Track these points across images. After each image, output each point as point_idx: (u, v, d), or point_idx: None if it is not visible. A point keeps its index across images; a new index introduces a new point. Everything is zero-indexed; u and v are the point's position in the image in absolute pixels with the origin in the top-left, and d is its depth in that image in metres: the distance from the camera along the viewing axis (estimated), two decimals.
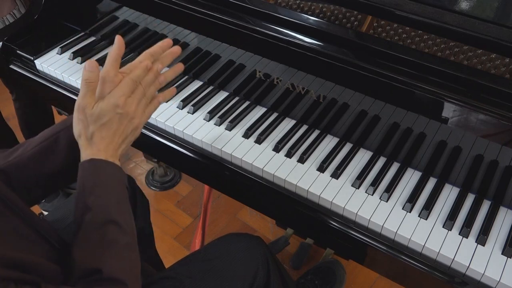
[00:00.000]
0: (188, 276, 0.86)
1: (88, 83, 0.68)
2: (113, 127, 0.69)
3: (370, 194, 0.85)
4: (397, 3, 0.84)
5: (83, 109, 0.68)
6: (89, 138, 0.68)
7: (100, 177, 0.67)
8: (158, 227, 1.69)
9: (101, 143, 0.68)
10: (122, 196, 0.69)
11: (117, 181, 0.69)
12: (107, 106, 0.68)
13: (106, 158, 0.68)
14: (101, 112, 0.68)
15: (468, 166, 0.84)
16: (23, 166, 0.73)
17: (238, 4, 0.93)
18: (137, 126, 0.72)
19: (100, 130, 0.68)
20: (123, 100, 0.69)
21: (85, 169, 0.68)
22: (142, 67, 0.72)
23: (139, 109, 0.72)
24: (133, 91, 0.71)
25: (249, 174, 0.91)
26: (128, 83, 0.70)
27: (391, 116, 0.86)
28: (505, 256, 0.76)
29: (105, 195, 0.66)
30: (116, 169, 0.69)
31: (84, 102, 0.68)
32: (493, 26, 0.77)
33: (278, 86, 0.97)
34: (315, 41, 0.86)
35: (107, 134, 0.69)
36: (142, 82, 0.72)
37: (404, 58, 0.80)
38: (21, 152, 0.74)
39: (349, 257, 1.25)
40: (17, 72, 1.20)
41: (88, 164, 0.68)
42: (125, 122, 0.70)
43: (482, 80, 0.76)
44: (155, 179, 1.87)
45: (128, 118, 0.70)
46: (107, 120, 0.68)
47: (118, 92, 0.69)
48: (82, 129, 0.68)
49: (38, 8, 1.23)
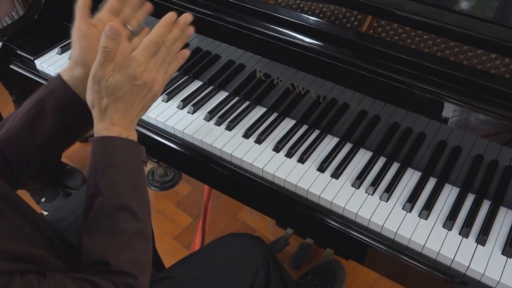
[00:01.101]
0: (188, 276, 0.86)
1: (106, 52, 0.61)
2: (130, 99, 0.64)
3: (370, 194, 0.85)
4: (397, 3, 0.84)
5: (98, 80, 0.63)
6: (102, 110, 0.64)
7: (112, 157, 0.63)
8: (158, 227, 1.69)
9: (116, 116, 0.64)
10: (137, 176, 0.65)
11: (132, 159, 0.65)
12: (123, 78, 0.63)
13: (120, 132, 0.64)
14: (117, 85, 0.63)
15: (468, 166, 0.84)
16: (15, 139, 0.70)
17: (238, 4, 0.93)
18: (157, 92, 0.68)
19: (115, 102, 0.63)
20: (141, 70, 0.63)
21: (97, 147, 0.64)
22: (164, 23, 0.65)
23: (160, 74, 0.66)
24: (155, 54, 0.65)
25: (249, 174, 0.91)
26: (148, 47, 0.64)
27: (391, 116, 0.86)
28: (505, 256, 0.76)
29: (118, 177, 0.63)
30: (131, 146, 0.65)
31: (100, 72, 0.62)
32: (493, 26, 0.77)
33: (278, 86, 0.97)
34: (315, 41, 0.86)
35: (123, 107, 0.64)
36: (166, 40, 0.66)
37: (404, 58, 0.80)
38: (10, 125, 0.70)
39: (349, 257, 1.25)
40: (17, 72, 1.20)
41: (100, 141, 0.64)
42: (144, 92, 0.65)
43: (482, 80, 0.76)
44: (155, 179, 1.87)
45: (147, 87, 0.65)
46: (124, 93, 0.63)
47: (136, 60, 0.63)
48: (95, 99, 0.64)
49: (38, 8, 1.23)
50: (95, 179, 0.63)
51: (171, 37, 0.67)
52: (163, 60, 0.67)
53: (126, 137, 0.65)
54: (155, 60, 0.65)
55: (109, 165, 0.63)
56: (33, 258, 0.58)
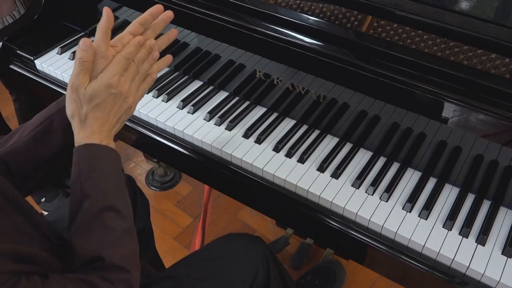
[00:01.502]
0: (188, 276, 0.86)
1: (82, 62, 0.66)
2: (107, 108, 0.68)
3: (370, 194, 0.85)
4: (397, 3, 0.84)
5: (76, 88, 0.66)
6: (82, 119, 0.67)
7: (96, 162, 0.66)
8: (158, 227, 1.69)
9: (95, 124, 0.67)
10: (119, 180, 0.68)
11: (113, 165, 0.68)
12: (100, 86, 0.66)
13: (100, 140, 0.67)
14: (94, 93, 0.66)
15: (468, 166, 0.84)
16: (20, 152, 0.72)
17: (238, 4, 0.93)
18: (131, 105, 0.71)
19: (93, 110, 0.67)
20: (116, 80, 0.67)
21: (80, 155, 0.66)
22: (134, 43, 0.71)
23: (133, 88, 0.71)
24: (126, 69, 0.70)
25: (249, 174, 0.91)
26: (120, 61, 0.69)
27: (391, 116, 0.86)
28: (505, 256, 0.76)
29: (102, 181, 0.65)
30: (111, 153, 0.68)
31: (77, 81, 0.66)
32: (493, 26, 0.77)
33: (278, 86, 0.97)
34: (315, 41, 0.86)
35: (101, 115, 0.67)
36: (135, 59, 0.71)
37: (404, 58, 0.80)
38: (17, 138, 0.73)
39: (349, 257, 1.25)
40: (17, 72, 1.20)
41: (83, 149, 0.66)
42: (119, 102, 0.69)
43: (482, 80, 0.76)
44: (155, 179, 1.87)
45: (122, 97, 0.69)
46: (101, 101, 0.67)
47: (111, 71, 0.68)
48: (75, 109, 0.67)
49: (38, 8, 1.23)
50: (80, 185, 0.65)
51: (139, 56, 0.72)
52: (134, 76, 0.71)
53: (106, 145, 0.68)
54: (127, 74, 0.70)
55: (93, 169, 0.65)
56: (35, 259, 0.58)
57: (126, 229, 0.66)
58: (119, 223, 0.65)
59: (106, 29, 0.69)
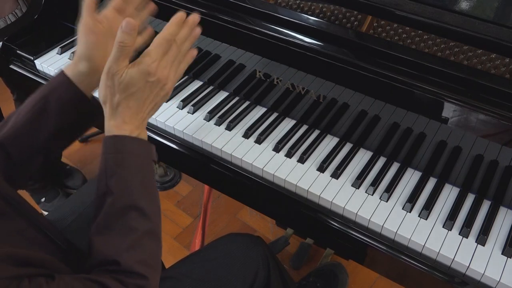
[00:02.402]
0: (188, 276, 0.86)
1: (121, 47, 0.61)
2: (143, 97, 0.64)
3: (370, 194, 0.85)
4: (397, 3, 0.84)
5: (112, 75, 0.63)
6: (114, 107, 0.64)
7: (123, 156, 0.63)
8: None
9: (127, 113, 0.64)
10: (148, 175, 0.65)
11: (143, 159, 0.65)
12: (137, 74, 0.63)
13: (131, 131, 0.64)
14: (131, 81, 0.63)
15: (468, 166, 0.84)
16: (18, 136, 0.70)
17: (238, 4, 0.93)
18: (168, 91, 0.68)
19: (127, 99, 0.64)
20: (155, 66, 0.64)
21: (107, 146, 0.64)
22: (175, 21, 0.66)
23: (172, 72, 0.67)
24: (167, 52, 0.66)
25: (249, 174, 0.91)
26: (161, 44, 0.65)
27: (391, 116, 0.86)
28: (505, 256, 0.75)
29: (128, 177, 0.63)
30: (142, 145, 0.65)
31: (115, 67, 0.62)
32: (493, 26, 0.77)
33: (278, 86, 0.97)
34: (315, 41, 0.86)
35: (135, 104, 0.64)
36: (177, 39, 0.66)
37: (404, 58, 0.80)
38: (13, 122, 0.71)
39: (349, 257, 1.25)
40: (17, 72, 1.20)
41: (111, 140, 0.64)
42: (157, 89, 0.65)
43: (482, 80, 0.76)
44: (155, 179, 1.87)
45: (161, 84, 0.65)
46: (137, 89, 0.63)
47: (151, 56, 0.64)
48: (108, 95, 0.64)
49: (38, 8, 1.23)
50: (106, 178, 0.62)
51: (181, 36, 0.67)
52: (174, 58, 0.67)
53: (137, 136, 0.65)
54: (167, 58, 0.66)
55: (120, 164, 0.63)
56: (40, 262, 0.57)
57: (148, 230, 0.63)
58: (142, 223, 0.62)
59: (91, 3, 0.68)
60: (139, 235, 0.62)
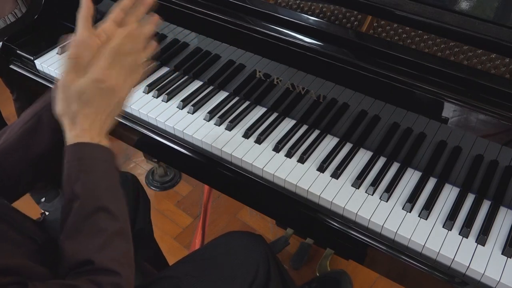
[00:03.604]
0: (188, 275, 0.86)
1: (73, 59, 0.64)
2: (95, 104, 0.65)
3: (370, 194, 0.85)
4: (397, 3, 0.84)
5: (65, 87, 0.64)
6: (72, 117, 0.65)
7: (86, 161, 0.64)
8: (158, 227, 1.69)
9: (85, 122, 0.65)
10: (112, 179, 0.66)
11: (105, 163, 0.66)
12: (87, 82, 0.64)
13: (91, 138, 0.65)
14: (82, 89, 0.64)
15: (468, 166, 0.84)
16: (10, 151, 0.70)
17: (238, 4, 0.93)
18: (120, 100, 0.69)
19: (83, 107, 0.64)
20: (103, 74, 0.64)
21: (70, 154, 0.64)
22: (120, 33, 0.67)
23: (121, 81, 0.67)
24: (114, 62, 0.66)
25: (249, 174, 0.91)
26: (109, 54, 0.66)
27: (391, 116, 0.86)
28: (505, 256, 0.75)
29: (93, 180, 0.63)
30: (103, 150, 0.66)
31: (66, 80, 0.64)
32: (493, 26, 0.77)
33: (278, 86, 0.97)
34: (315, 41, 0.86)
35: (91, 111, 0.65)
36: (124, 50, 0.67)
37: (404, 58, 0.80)
38: (6, 137, 0.71)
39: (349, 257, 1.24)
40: (17, 72, 1.20)
41: (72, 148, 0.64)
42: (108, 96, 0.66)
43: (482, 80, 0.76)
44: (155, 179, 1.87)
45: (111, 91, 0.66)
46: (90, 97, 0.64)
47: (98, 65, 0.65)
48: (64, 108, 0.65)
49: (38, 8, 1.23)
50: (71, 186, 0.63)
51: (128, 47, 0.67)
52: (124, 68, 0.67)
53: (98, 143, 0.66)
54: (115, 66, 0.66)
55: (83, 170, 0.64)
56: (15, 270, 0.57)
57: (118, 230, 0.64)
58: (111, 224, 0.63)
59: (87, 16, 0.67)
60: (109, 235, 0.62)
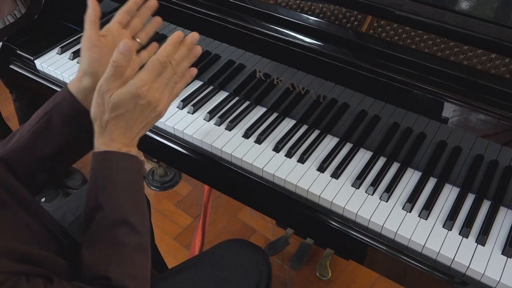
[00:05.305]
0: (190, 281, 0.85)
1: (115, 66, 0.62)
2: (132, 118, 0.63)
3: (370, 194, 0.85)
4: (397, 3, 0.84)
5: (102, 93, 0.63)
6: (103, 125, 0.64)
7: (112, 171, 0.63)
8: (158, 227, 1.69)
9: (116, 132, 0.64)
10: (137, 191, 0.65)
11: (132, 174, 0.65)
12: (126, 96, 0.62)
13: (119, 148, 0.64)
14: (119, 102, 0.62)
15: (468, 166, 0.84)
16: (21, 151, 0.70)
17: (238, 4, 0.93)
18: (160, 112, 0.67)
19: (116, 119, 0.63)
20: (145, 90, 0.62)
21: (97, 161, 0.64)
22: (172, 42, 0.64)
23: (165, 94, 0.66)
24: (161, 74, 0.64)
25: (249, 174, 0.91)
26: (154, 66, 0.63)
27: (391, 116, 0.86)
28: (505, 256, 0.76)
29: (118, 192, 0.63)
30: (131, 161, 0.65)
31: (106, 86, 0.62)
32: (493, 26, 0.77)
33: (278, 86, 0.97)
34: (315, 41, 0.86)
35: (124, 124, 0.63)
36: (173, 60, 0.65)
37: (404, 58, 0.80)
38: (18, 137, 0.71)
39: (349, 257, 1.25)
40: (17, 72, 1.20)
41: (100, 156, 0.63)
42: (147, 111, 0.65)
43: (482, 80, 0.76)
44: (155, 179, 1.87)
45: (151, 107, 0.64)
46: (125, 111, 0.63)
47: (141, 79, 0.62)
48: (98, 113, 0.64)
49: (38, 8, 1.23)
50: (95, 193, 0.62)
51: (178, 57, 0.66)
52: (169, 80, 0.66)
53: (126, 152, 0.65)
54: (161, 80, 0.65)
55: (109, 179, 0.63)
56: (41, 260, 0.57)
57: (138, 245, 0.63)
58: (132, 238, 0.62)
59: (94, 18, 0.67)
60: (129, 250, 0.62)
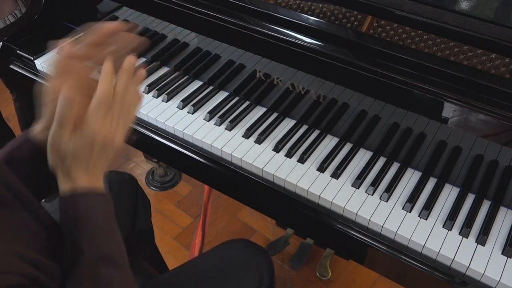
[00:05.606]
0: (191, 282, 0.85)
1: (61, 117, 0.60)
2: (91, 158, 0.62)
3: (370, 194, 0.85)
4: (397, 3, 0.84)
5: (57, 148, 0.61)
6: (66, 172, 0.62)
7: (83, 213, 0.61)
8: (158, 227, 1.69)
9: (79, 173, 0.62)
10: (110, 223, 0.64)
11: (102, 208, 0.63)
12: (81, 143, 0.61)
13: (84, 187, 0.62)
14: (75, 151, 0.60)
15: (468, 166, 0.84)
16: None
17: (238, 4, 0.93)
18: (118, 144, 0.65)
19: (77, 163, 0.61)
20: (98, 130, 0.61)
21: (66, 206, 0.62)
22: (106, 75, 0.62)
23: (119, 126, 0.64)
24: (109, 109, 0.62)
25: (249, 174, 0.91)
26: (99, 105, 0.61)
27: (391, 116, 0.86)
28: (505, 256, 0.76)
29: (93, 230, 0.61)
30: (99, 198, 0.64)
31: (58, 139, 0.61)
32: (493, 26, 0.77)
33: (278, 86, 0.97)
34: (315, 41, 0.86)
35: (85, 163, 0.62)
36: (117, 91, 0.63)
37: (404, 58, 0.80)
38: None
39: (349, 257, 1.25)
40: (17, 72, 1.20)
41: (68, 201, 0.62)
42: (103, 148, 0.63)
43: (482, 80, 0.76)
44: (155, 179, 1.87)
45: (108, 143, 0.63)
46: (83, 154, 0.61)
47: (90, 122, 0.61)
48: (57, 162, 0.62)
49: (38, 8, 1.23)
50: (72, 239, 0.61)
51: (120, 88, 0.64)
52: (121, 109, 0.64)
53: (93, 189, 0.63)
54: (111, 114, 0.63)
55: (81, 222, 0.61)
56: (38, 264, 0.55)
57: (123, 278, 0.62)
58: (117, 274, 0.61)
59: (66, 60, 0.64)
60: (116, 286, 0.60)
